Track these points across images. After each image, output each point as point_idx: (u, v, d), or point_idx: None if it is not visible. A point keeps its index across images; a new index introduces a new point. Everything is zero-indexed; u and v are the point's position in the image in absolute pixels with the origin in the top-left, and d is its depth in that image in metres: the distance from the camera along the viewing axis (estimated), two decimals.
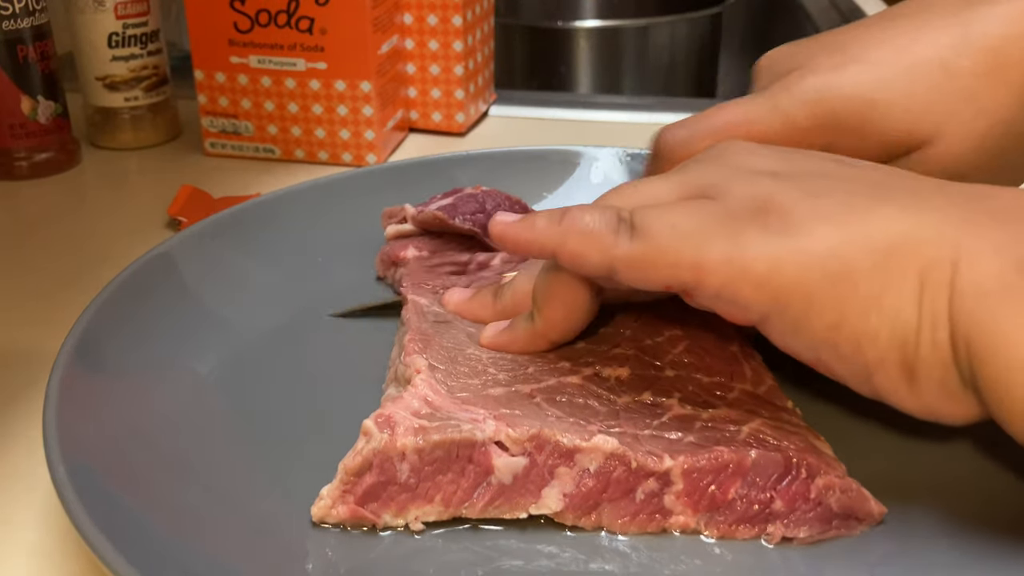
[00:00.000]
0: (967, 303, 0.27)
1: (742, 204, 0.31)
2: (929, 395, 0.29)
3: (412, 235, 0.49)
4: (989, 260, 0.28)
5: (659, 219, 0.31)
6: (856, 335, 0.29)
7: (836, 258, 0.29)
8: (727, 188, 0.32)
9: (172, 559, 0.29)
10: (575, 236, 0.32)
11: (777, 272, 0.29)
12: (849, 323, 0.29)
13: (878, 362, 0.29)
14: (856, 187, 0.31)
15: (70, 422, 0.33)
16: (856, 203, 0.30)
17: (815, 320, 0.29)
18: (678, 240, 0.31)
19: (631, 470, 0.32)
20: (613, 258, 0.32)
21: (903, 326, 0.28)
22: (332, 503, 0.32)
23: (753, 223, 0.30)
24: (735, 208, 0.31)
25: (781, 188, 0.31)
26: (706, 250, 0.30)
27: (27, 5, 0.63)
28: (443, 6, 0.69)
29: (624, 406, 0.35)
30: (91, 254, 0.56)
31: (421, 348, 0.36)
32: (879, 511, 0.33)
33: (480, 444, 0.32)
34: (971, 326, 0.27)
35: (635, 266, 0.31)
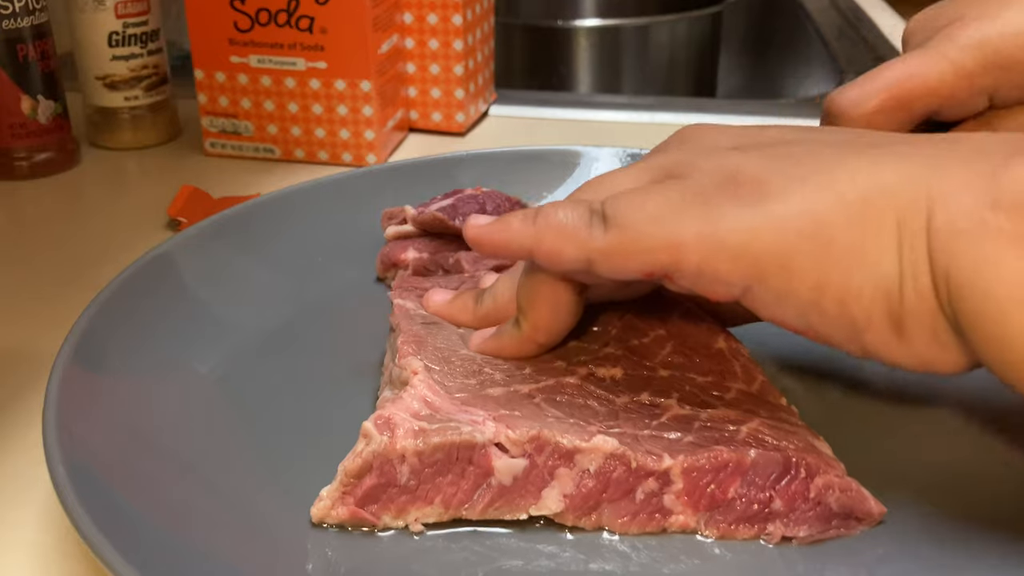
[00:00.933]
0: (942, 243, 0.27)
1: (711, 178, 0.31)
2: (920, 346, 0.29)
3: (412, 236, 0.49)
4: (960, 199, 0.27)
5: (630, 205, 0.31)
6: (840, 294, 0.29)
7: (809, 218, 0.29)
8: (694, 165, 0.32)
9: (172, 559, 0.29)
10: (550, 233, 0.33)
11: (753, 241, 0.29)
12: (832, 282, 0.29)
13: (865, 319, 0.29)
14: (821, 148, 0.31)
15: (70, 422, 0.33)
16: (823, 162, 0.30)
17: (797, 284, 0.29)
18: (651, 223, 0.31)
19: (631, 470, 0.32)
20: (590, 251, 0.32)
21: (886, 278, 0.28)
22: (332, 504, 0.32)
23: (724, 195, 0.30)
24: (704, 183, 0.31)
25: (747, 158, 0.31)
26: (680, 229, 0.30)
27: (27, 4, 0.63)
28: (443, 5, 0.69)
29: (623, 406, 0.35)
30: (91, 254, 0.56)
31: (415, 350, 0.36)
32: (879, 511, 0.33)
33: (480, 446, 0.32)
34: (948, 266, 0.27)
35: (612, 256, 0.31)
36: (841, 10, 1.07)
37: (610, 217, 0.31)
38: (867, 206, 0.28)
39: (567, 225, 0.32)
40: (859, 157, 0.30)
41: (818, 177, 0.30)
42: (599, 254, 0.32)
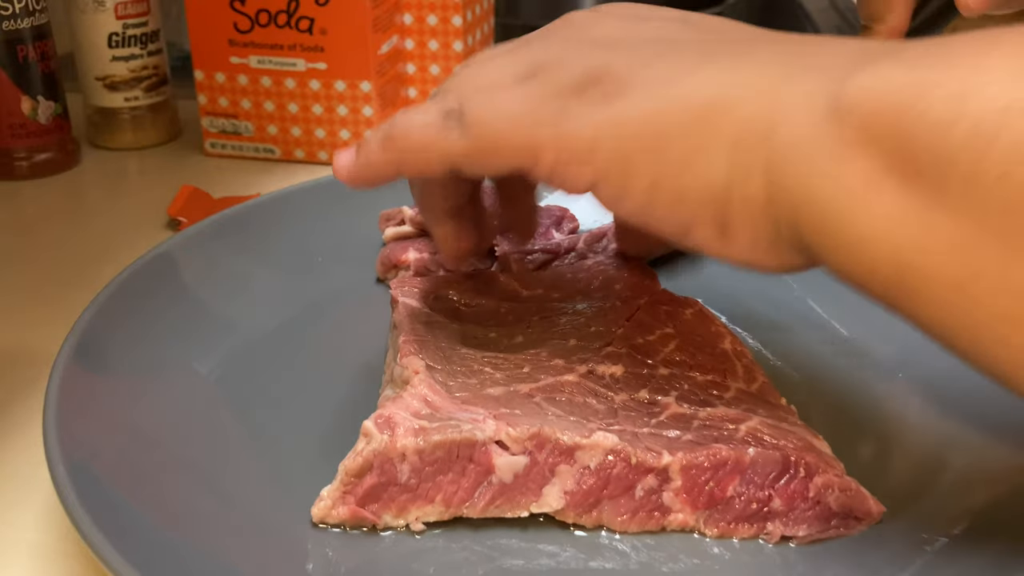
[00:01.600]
0: (781, 155, 0.27)
1: (571, 78, 0.31)
2: (743, 247, 0.29)
3: (411, 237, 0.49)
4: (800, 110, 0.27)
5: (487, 106, 0.32)
6: (670, 195, 0.29)
7: (651, 123, 0.29)
8: (560, 63, 0.32)
9: (172, 559, 0.29)
10: (409, 154, 0.33)
11: (598, 144, 0.30)
12: (663, 184, 0.29)
13: (692, 218, 0.30)
14: (688, 50, 0.31)
15: (70, 422, 0.33)
16: (684, 65, 0.30)
17: (634, 183, 0.30)
18: (508, 125, 0.31)
19: (631, 466, 0.32)
20: (451, 156, 0.32)
21: (713, 183, 0.29)
22: (332, 504, 0.32)
23: (579, 97, 0.31)
24: (563, 83, 0.31)
25: (613, 57, 0.31)
26: (536, 132, 0.31)
27: (27, 5, 0.63)
28: (443, 6, 0.69)
29: (622, 404, 0.35)
30: (91, 254, 0.56)
31: (417, 349, 0.36)
32: (878, 510, 0.33)
33: (481, 444, 0.32)
34: (787, 178, 0.27)
35: (473, 159, 0.32)
36: (841, 10, 1.07)
37: (468, 119, 0.32)
38: (707, 114, 0.29)
39: (423, 139, 0.33)
40: (715, 63, 0.30)
41: (668, 84, 0.30)
42: (461, 158, 0.32)
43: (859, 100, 0.26)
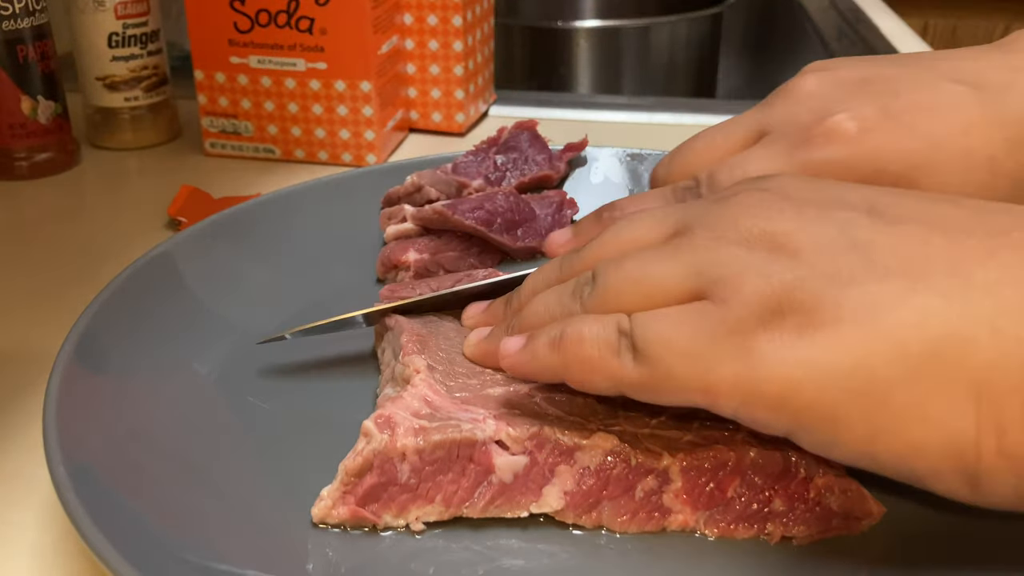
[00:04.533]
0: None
1: (752, 308, 0.28)
2: (999, 498, 0.26)
3: (412, 236, 0.49)
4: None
5: (661, 339, 0.29)
6: (897, 448, 0.26)
7: (860, 371, 0.26)
8: (736, 285, 0.28)
9: (172, 559, 0.29)
10: (577, 365, 0.31)
11: (793, 393, 0.27)
12: (887, 436, 0.26)
13: (931, 472, 0.26)
14: (889, 264, 0.27)
15: (70, 422, 0.33)
16: (889, 292, 0.27)
17: (845, 436, 0.27)
18: (683, 363, 0.29)
19: (631, 467, 0.32)
20: (620, 383, 0.30)
21: (957, 436, 0.25)
22: (333, 504, 0.32)
23: (764, 332, 0.28)
24: (743, 315, 0.28)
25: (799, 279, 0.28)
26: (714, 373, 0.28)
27: (27, 5, 0.63)
28: (443, 6, 0.69)
29: (623, 404, 0.35)
30: (91, 254, 0.56)
31: (419, 348, 0.36)
32: (878, 510, 0.33)
33: (481, 443, 0.32)
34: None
35: (645, 391, 0.30)
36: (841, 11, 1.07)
37: (640, 349, 0.29)
38: (934, 361, 0.25)
39: (595, 356, 0.31)
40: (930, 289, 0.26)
41: (877, 318, 0.26)
42: (630, 388, 0.30)
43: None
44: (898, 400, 0.26)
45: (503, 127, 0.58)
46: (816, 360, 0.26)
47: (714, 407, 0.29)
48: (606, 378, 0.31)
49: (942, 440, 0.26)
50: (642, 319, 0.30)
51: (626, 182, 0.56)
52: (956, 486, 0.27)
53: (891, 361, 0.26)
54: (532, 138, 0.57)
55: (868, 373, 0.26)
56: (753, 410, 0.28)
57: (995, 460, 0.25)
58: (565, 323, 0.32)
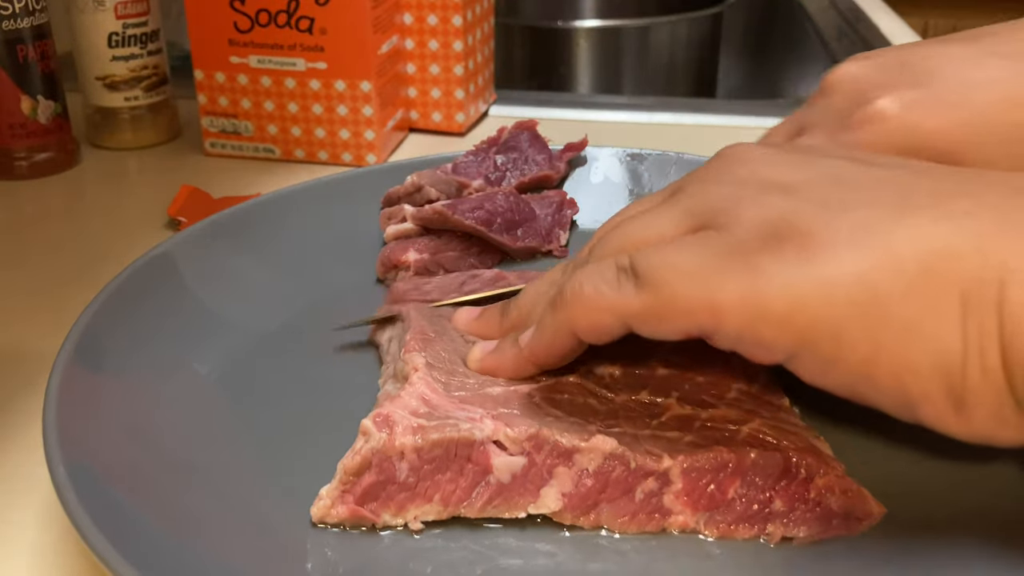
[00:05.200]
0: (1019, 321, 0.25)
1: (753, 232, 0.29)
2: (980, 422, 0.27)
3: (412, 235, 0.49)
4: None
5: (663, 263, 0.29)
6: (895, 367, 0.27)
7: (863, 285, 0.27)
8: (735, 213, 0.30)
9: (172, 559, 0.29)
10: (581, 314, 0.31)
11: (799, 308, 0.27)
12: (886, 355, 0.27)
13: (922, 394, 0.27)
14: (877, 195, 0.29)
15: (70, 422, 0.33)
16: (879, 216, 0.28)
17: (847, 355, 0.27)
18: (688, 284, 0.29)
19: (630, 470, 0.32)
20: (625, 315, 0.30)
21: (947, 354, 0.26)
22: (331, 503, 0.32)
23: (767, 253, 0.28)
24: (746, 237, 0.29)
25: (795, 206, 0.29)
26: (720, 291, 0.28)
27: (27, 5, 0.63)
28: (443, 6, 0.69)
29: (623, 405, 0.35)
30: (91, 254, 0.56)
31: (421, 346, 0.36)
32: (879, 511, 0.33)
33: (479, 443, 0.32)
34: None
35: (650, 318, 0.30)
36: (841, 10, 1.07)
37: (642, 275, 0.30)
38: (928, 275, 0.26)
39: (596, 296, 0.31)
40: (918, 212, 0.27)
41: (873, 236, 0.27)
42: (636, 318, 0.30)
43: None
44: (897, 316, 0.26)
45: (503, 127, 0.58)
46: (821, 276, 0.27)
47: (718, 329, 0.29)
48: (611, 314, 0.31)
49: (933, 358, 0.26)
50: (642, 251, 0.30)
51: (626, 182, 0.56)
52: (943, 409, 0.27)
53: (890, 276, 0.27)
54: (532, 138, 0.57)
55: (870, 288, 0.27)
56: (758, 328, 0.28)
57: (978, 378, 0.26)
58: (561, 283, 0.32)
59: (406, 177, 0.52)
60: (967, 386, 0.26)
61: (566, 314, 0.32)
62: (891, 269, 0.27)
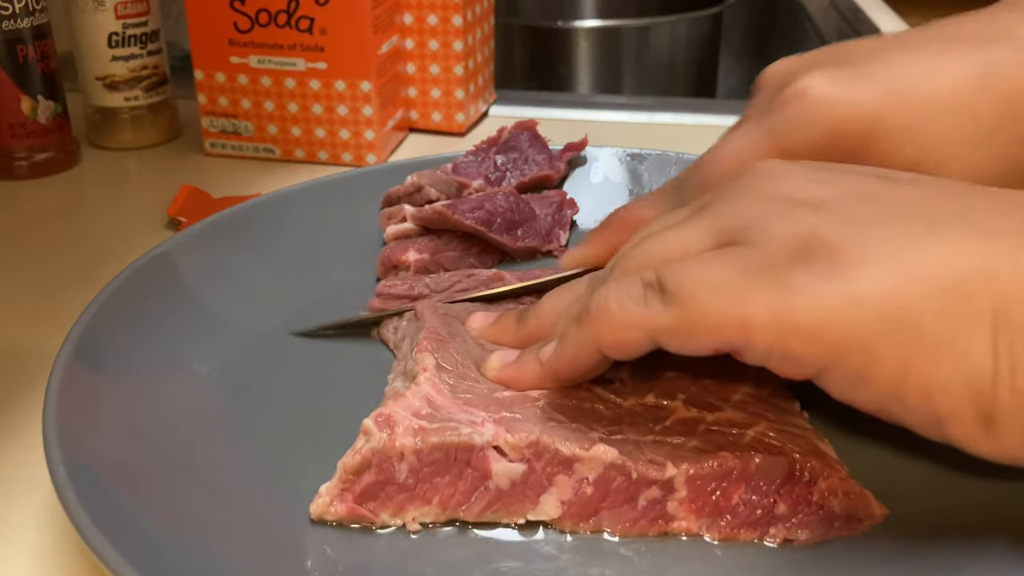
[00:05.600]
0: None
1: (782, 247, 0.28)
2: (1009, 442, 0.27)
3: (412, 235, 0.49)
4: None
5: (692, 278, 0.29)
6: (925, 385, 0.27)
7: (894, 303, 0.26)
8: (763, 229, 0.29)
9: (172, 559, 0.29)
10: (607, 331, 0.31)
11: (830, 324, 0.27)
12: (916, 372, 0.27)
13: (951, 412, 0.27)
14: (906, 211, 0.29)
15: (70, 422, 0.33)
16: (910, 232, 0.27)
17: (877, 371, 0.27)
18: (717, 299, 0.28)
19: (631, 480, 0.32)
20: (653, 331, 0.30)
21: (977, 373, 0.26)
22: (330, 501, 0.32)
23: (797, 268, 0.28)
24: (775, 253, 0.28)
25: (823, 221, 0.29)
26: (750, 306, 0.28)
27: (27, 5, 0.63)
28: (443, 6, 0.69)
29: (629, 409, 0.35)
30: (91, 254, 0.56)
31: (434, 347, 0.36)
32: (880, 512, 0.33)
33: (478, 448, 0.32)
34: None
35: (678, 334, 0.30)
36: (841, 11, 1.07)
37: (670, 291, 0.29)
38: (959, 294, 0.26)
39: (622, 313, 0.30)
40: (949, 229, 0.27)
41: (905, 253, 0.27)
42: (664, 333, 0.30)
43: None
44: (929, 334, 0.26)
45: (503, 127, 0.58)
46: (851, 292, 0.27)
47: (748, 345, 0.28)
48: (638, 330, 0.30)
49: (964, 377, 0.26)
50: (670, 266, 0.30)
51: (626, 182, 0.56)
52: (972, 428, 0.27)
53: (921, 294, 0.26)
54: (532, 138, 0.57)
55: (901, 305, 0.26)
56: (788, 344, 0.28)
57: (1009, 398, 0.26)
58: (586, 299, 0.32)
59: (406, 177, 0.52)
60: (997, 406, 0.26)
61: (591, 330, 0.32)
62: (922, 286, 0.26)
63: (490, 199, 0.50)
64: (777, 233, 0.29)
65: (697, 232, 0.32)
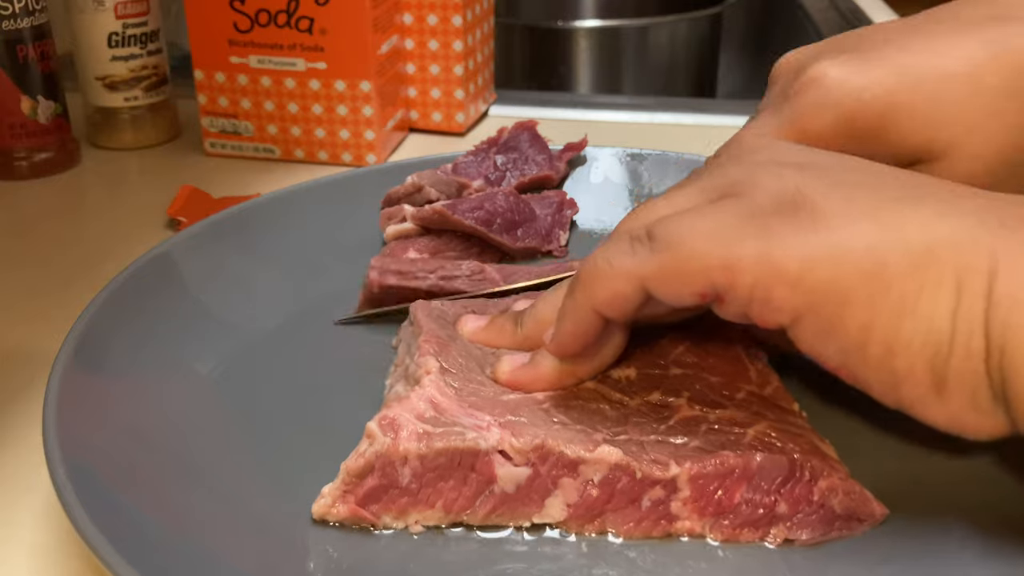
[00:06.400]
0: (1002, 313, 0.27)
1: (770, 199, 0.30)
2: (957, 407, 0.28)
3: (412, 235, 0.49)
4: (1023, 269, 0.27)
5: (680, 224, 0.30)
6: (888, 339, 0.28)
7: (872, 256, 0.28)
8: (752, 183, 0.31)
9: (172, 559, 0.29)
10: (600, 285, 0.32)
11: (811, 270, 0.28)
12: (881, 326, 0.28)
13: (907, 370, 0.28)
14: (886, 185, 0.30)
15: (70, 422, 0.33)
16: (889, 201, 0.29)
17: (848, 321, 0.28)
18: (704, 242, 0.29)
19: (636, 480, 0.32)
20: (642, 278, 0.31)
21: (936, 333, 0.27)
22: (332, 502, 0.32)
23: (783, 218, 0.29)
24: (762, 203, 0.30)
25: (809, 180, 0.30)
26: (736, 249, 0.29)
27: (27, 5, 0.63)
28: (443, 6, 0.69)
29: (635, 409, 0.35)
30: (91, 254, 0.56)
31: (436, 350, 0.36)
32: (881, 512, 0.33)
33: (483, 453, 0.32)
34: (1005, 338, 0.26)
35: (666, 278, 0.30)
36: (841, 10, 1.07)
37: (659, 238, 0.30)
38: (931, 257, 0.28)
39: (609, 267, 0.31)
40: (926, 205, 0.29)
41: (885, 216, 0.29)
42: (652, 279, 0.30)
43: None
44: (897, 290, 0.28)
45: (503, 127, 0.58)
46: (834, 242, 0.28)
47: (732, 288, 0.29)
48: (626, 279, 0.31)
49: (924, 336, 0.28)
50: (659, 220, 0.31)
51: (626, 182, 0.56)
52: (925, 390, 0.28)
53: (897, 252, 0.28)
54: (532, 138, 0.57)
55: (879, 260, 0.28)
56: (770, 288, 0.29)
57: (962, 360, 0.27)
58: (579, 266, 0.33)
59: (406, 177, 0.52)
60: (950, 366, 0.27)
61: (585, 292, 0.32)
62: (899, 246, 0.28)
63: (490, 199, 0.50)
64: (765, 185, 0.30)
65: (687, 193, 0.33)
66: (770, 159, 0.33)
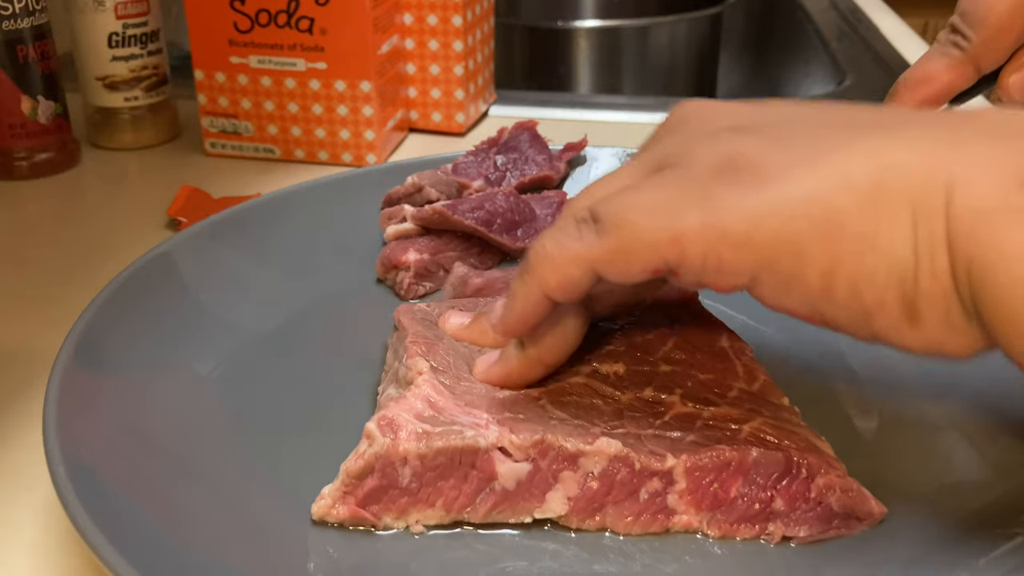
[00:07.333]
0: (965, 226, 0.26)
1: (707, 165, 0.29)
2: (932, 330, 0.27)
3: (412, 236, 0.49)
4: (987, 178, 0.26)
5: (623, 203, 0.30)
6: (852, 279, 0.27)
7: (819, 202, 0.27)
8: (688, 153, 0.30)
9: (172, 559, 0.29)
10: (547, 273, 0.32)
11: (758, 228, 0.28)
12: (843, 268, 0.27)
13: (878, 303, 0.28)
14: (824, 127, 0.30)
15: (70, 422, 0.33)
16: (828, 142, 0.29)
17: (808, 270, 0.28)
18: (648, 218, 0.29)
19: (635, 471, 0.32)
20: (591, 261, 0.30)
21: (900, 262, 0.27)
22: (333, 503, 0.32)
23: (723, 182, 0.29)
24: (700, 170, 0.30)
25: (745, 140, 0.30)
26: (680, 220, 0.29)
27: (27, 5, 0.63)
28: (443, 6, 0.69)
29: (628, 404, 0.35)
30: (91, 254, 0.56)
31: (424, 351, 0.36)
32: (879, 511, 0.33)
33: (483, 451, 0.32)
34: (972, 248, 0.26)
35: (615, 259, 0.30)
36: (841, 11, 1.07)
37: (604, 219, 0.30)
38: (879, 189, 0.27)
39: (558, 251, 0.31)
40: (868, 136, 0.28)
41: (825, 158, 0.28)
42: (601, 262, 0.30)
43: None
44: (852, 229, 0.27)
45: (503, 127, 0.58)
46: (776, 196, 0.28)
47: (683, 260, 0.29)
48: (576, 264, 0.31)
49: (888, 267, 0.27)
50: (602, 201, 0.31)
51: None
52: (898, 319, 0.28)
53: (843, 192, 0.27)
54: (532, 138, 0.57)
55: (825, 204, 0.27)
56: (720, 252, 0.28)
57: (930, 282, 0.27)
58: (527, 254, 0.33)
59: (406, 177, 0.52)
60: (919, 291, 0.27)
61: (534, 277, 0.32)
62: (844, 185, 0.28)
63: (490, 199, 0.50)
64: (702, 152, 0.30)
65: (628, 170, 0.33)
66: (704, 127, 0.32)
